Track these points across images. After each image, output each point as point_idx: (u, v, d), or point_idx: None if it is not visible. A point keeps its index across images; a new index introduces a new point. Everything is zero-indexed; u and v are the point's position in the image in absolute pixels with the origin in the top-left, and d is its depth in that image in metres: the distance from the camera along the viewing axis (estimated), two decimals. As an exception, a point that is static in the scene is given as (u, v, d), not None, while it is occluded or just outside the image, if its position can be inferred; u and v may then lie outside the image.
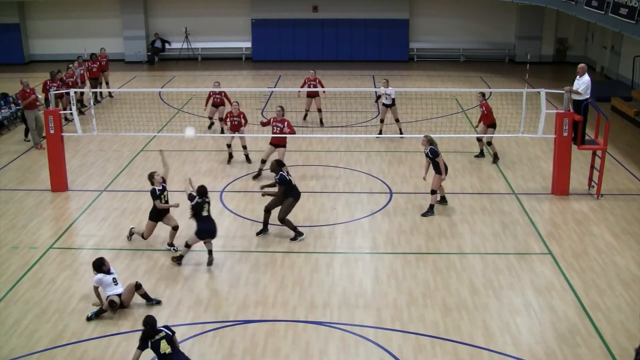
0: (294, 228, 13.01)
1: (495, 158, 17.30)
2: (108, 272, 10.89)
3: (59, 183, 15.55)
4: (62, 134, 15.64)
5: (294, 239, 13.04)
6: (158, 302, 10.93)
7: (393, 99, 18.93)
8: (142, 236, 12.86)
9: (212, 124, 20.21)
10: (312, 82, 19.99)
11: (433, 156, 14.02)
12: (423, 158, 17.68)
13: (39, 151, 18.01)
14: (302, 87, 20.42)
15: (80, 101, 22.37)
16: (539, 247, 12.84)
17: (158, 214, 12.70)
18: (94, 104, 18.29)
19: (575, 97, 14.95)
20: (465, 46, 30.77)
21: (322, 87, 20.12)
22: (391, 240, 13.18)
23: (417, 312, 10.67)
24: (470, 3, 29.85)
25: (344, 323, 10.40)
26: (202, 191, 11.96)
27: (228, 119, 16.92)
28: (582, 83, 14.99)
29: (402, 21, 30.44)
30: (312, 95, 20.28)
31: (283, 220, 12.89)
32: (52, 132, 15.25)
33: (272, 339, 10.00)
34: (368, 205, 14.67)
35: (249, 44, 31.09)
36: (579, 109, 15.00)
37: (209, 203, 12.00)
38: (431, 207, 14.17)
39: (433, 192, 14.22)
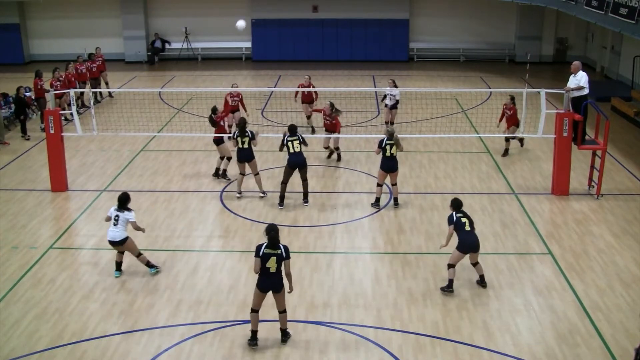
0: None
1: (505, 153, 17.84)
2: (121, 209, 11.36)
3: (59, 183, 15.54)
4: (62, 134, 15.64)
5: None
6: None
7: (397, 101, 18.89)
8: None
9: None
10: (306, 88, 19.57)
11: None
12: (422, 158, 17.80)
13: (39, 151, 17.99)
14: (296, 93, 20.05)
15: (80, 100, 22.44)
16: (539, 247, 12.84)
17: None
18: (94, 104, 18.31)
19: (577, 93, 14.91)
20: (465, 46, 30.78)
21: (315, 93, 19.64)
22: (391, 240, 13.18)
23: (417, 312, 10.67)
24: (470, 3, 29.86)
25: (344, 323, 10.40)
26: (292, 129, 14.32)
27: (229, 98, 18.53)
28: (582, 77, 14.96)
29: (402, 21, 30.44)
30: (307, 101, 19.73)
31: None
32: (52, 132, 15.25)
33: (272, 339, 10.00)
34: (368, 205, 14.67)
35: (249, 44, 31.10)
36: (578, 107, 14.98)
37: (298, 140, 14.28)
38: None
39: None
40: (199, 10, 30.59)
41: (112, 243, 11.55)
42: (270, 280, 9.57)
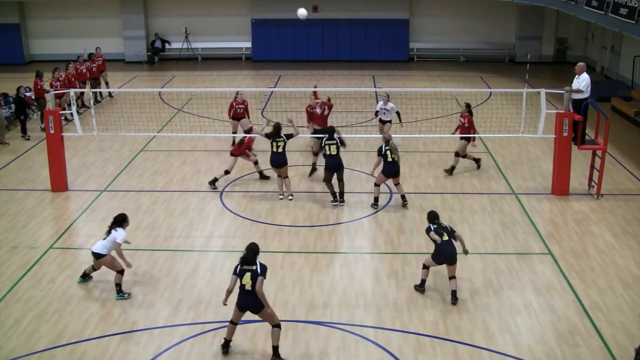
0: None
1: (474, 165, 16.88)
2: (114, 226, 11.22)
3: (59, 183, 15.54)
4: (62, 134, 15.64)
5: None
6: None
7: (398, 112, 17.73)
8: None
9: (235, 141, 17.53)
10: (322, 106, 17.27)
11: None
12: (422, 158, 17.80)
13: (39, 151, 17.98)
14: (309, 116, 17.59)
15: (80, 100, 22.44)
16: (539, 247, 12.84)
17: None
18: (94, 104, 18.30)
19: (576, 96, 14.92)
20: (465, 46, 30.77)
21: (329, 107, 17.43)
22: (391, 240, 13.18)
23: (417, 312, 10.67)
24: (470, 3, 29.86)
25: (344, 323, 10.40)
26: (330, 131, 14.47)
27: (232, 108, 17.97)
28: (583, 80, 14.96)
29: (402, 21, 30.44)
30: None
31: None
32: (52, 132, 15.25)
33: (272, 339, 10.00)
34: (368, 205, 14.66)
35: (249, 44, 31.10)
36: (578, 108, 14.98)
37: (335, 144, 14.31)
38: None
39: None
40: (199, 10, 30.60)
41: (92, 252, 11.25)
42: (247, 299, 9.26)
